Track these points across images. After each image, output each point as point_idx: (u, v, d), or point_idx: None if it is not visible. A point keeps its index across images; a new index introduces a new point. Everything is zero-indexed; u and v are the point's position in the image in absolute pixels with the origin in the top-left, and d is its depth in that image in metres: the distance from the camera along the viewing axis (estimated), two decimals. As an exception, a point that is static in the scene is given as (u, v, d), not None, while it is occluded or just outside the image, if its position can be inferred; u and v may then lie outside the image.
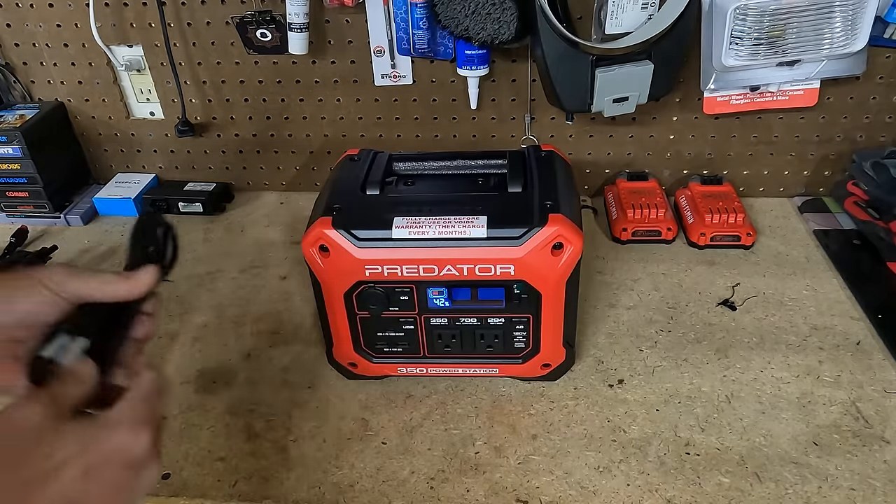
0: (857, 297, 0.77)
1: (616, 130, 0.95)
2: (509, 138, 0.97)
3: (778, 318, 0.75)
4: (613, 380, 0.69)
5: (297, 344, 0.76)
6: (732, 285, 0.81)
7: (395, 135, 0.99)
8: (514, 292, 0.61)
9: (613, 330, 0.75)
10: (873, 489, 0.56)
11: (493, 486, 0.58)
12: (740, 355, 0.71)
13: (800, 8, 0.75)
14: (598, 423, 0.64)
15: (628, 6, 0.80)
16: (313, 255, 0.61)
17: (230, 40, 0.93)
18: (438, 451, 0.62)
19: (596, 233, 0.92)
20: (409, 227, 0.59)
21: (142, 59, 0.97)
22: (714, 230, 0.86)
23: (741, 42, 0.77)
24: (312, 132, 1.01)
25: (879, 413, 0.63)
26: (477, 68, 0.86)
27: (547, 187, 0.63)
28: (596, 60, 0.79)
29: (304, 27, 0.87)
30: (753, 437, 0.62)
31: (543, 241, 0.58)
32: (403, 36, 0.88)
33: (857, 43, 0.77)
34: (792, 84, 0.85)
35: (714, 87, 0.84)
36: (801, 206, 0.95)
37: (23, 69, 1.00)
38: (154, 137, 1.04)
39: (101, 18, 0.93)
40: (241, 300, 0.83)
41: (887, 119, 0.91)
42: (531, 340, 0.65)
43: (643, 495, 0.57)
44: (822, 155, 0.95)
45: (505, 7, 0.76)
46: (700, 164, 0.97)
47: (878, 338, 0.72)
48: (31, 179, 0.98)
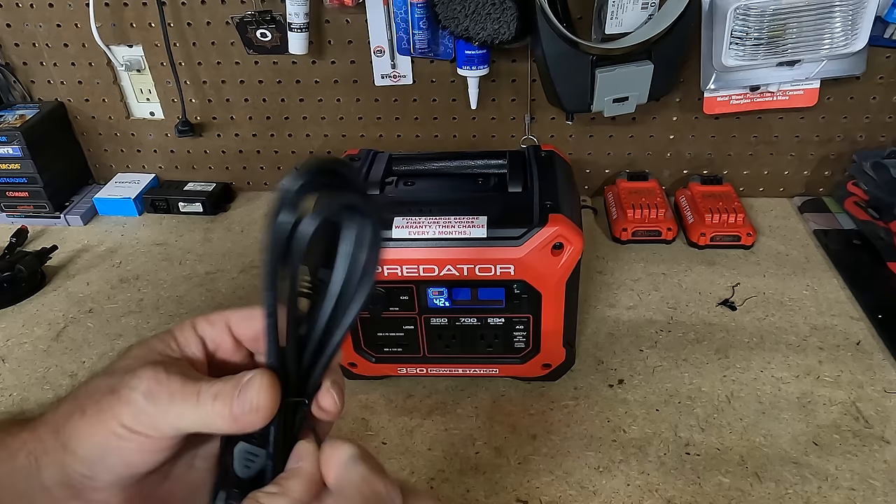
0: (857, 297, 0.77)
1: (616, 130, 0.95)
2: (509, 138, 0.97)
3: (778, 318, 0.75)
4: (613, 380, 0.69)
5: (297, 344, 0.76)
6: (732, 285, 0.81)
7: (395, 135, 0.99)
8: (514, 292, 0.61)
9: (613, 330, 0.75)
10: (873, 489, 0.56)
11: (493, 486, 0.58)
12: (740, 355, 0.71)
13: (800, 8, 0.75)
14: (598, 423, 0.64)
15: (628, 6, 0.80)
16: (313, 255, 0.61)
17: (230, 40, 0.93)
18: (438, 451, 0.62)
19: (596, 233, 0.92)
20: (409, 227, 0.59)
21: (142, 59, 0.97)
22: (714, 230, 0.86)
23: (741, 42, 0.77)
24: (312, 132, 1.01)
25: (879, 413, 0.63)
26: (477, 68, 0.86)
27: (547, 187, 0.63)
28: (596, 60, 0.78)
29: (304, 27, 0.87)
30: (753, 437, 0.62)
31: (543, 241, 0.58)
32: (403, 36, 0.88)
33: (857, 43, 0.77)
34: (792, 84, 0.85)
35: (714, 87, 0.84)
36: (801, 206, 0.95)
37: (23, 69, 1.00)
38: (154, 137, 1.04)
39: (101, 18, 0.93)
40: (241, 300, 0.83)
41: (887, 119, 0.91)
42: (531, 340, 0.65)
43: (643, 495, 0.57)
44: (822, 155, 0.95)
45: (505, 7, 0.76)
46: (700, 164, 0.97)
47: (878, 338, 0.72)
48: (31, 179, 0.98)
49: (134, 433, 0.30)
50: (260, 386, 0.30)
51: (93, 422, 0.30)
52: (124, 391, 0.30)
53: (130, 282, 0.87)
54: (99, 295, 0.85)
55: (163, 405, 0.30)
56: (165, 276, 0.88)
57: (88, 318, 0.81)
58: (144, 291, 0.85)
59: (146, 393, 0.30)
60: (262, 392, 0.30)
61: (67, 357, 0.76)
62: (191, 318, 0.35)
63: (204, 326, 0.34)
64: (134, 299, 0.84)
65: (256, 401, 0.30)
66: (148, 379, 0.30)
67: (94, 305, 0.83)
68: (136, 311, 0.82)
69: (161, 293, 0.85)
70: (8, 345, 0.78)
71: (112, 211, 1.03)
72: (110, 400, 0.30)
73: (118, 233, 0.98)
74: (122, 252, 0.94)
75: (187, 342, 0.34)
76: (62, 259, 0.92)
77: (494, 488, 0.58)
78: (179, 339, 0.34)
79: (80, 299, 0.85)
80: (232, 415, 0.30)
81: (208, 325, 0.34)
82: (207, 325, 0.34)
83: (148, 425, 0.30)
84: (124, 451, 0.30)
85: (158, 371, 0.31)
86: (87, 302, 0.84)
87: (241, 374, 0.31)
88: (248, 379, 0.30)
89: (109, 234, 0.98)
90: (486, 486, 0.58)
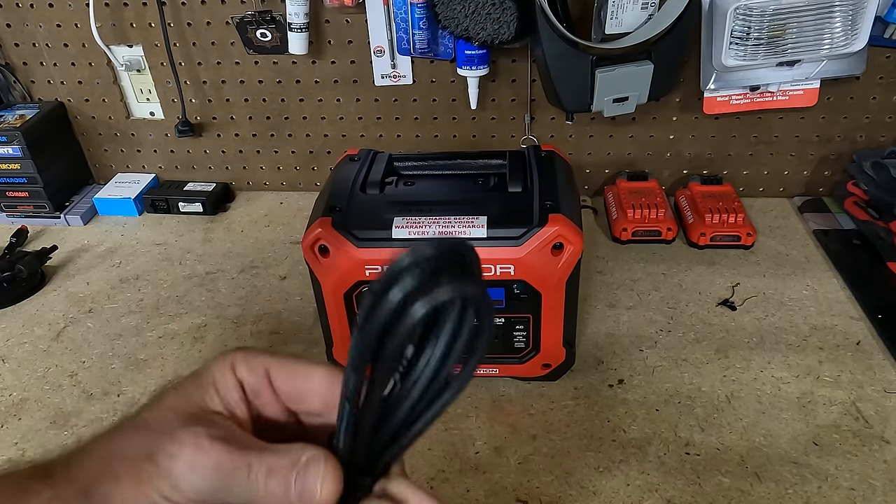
0: (857, 297, 0.77)
1: (616, 130, 0.95)
2: (509, 138, 0.97)
3: (778, 318, 0.75)
4: (613, 380, 0.69)
5: (297, 344, 0.76)
6: (732, 285, 0.81)
7: (395, 135, 0.99)
8: (514, 292, 0.61)
9: (613, 330, 0.75)
10: (873, 489, 0.56)
11: (493, 486, 0.58)
12: (740, 355, 0.71)
13: (800, 8, 0.75)
14: (598, 423, 0.64)
15: (628, 6, 0.80)
16: (313, 256, 0.61)
17: (230, 40, 0.93)
18: (438, 451, 0.62)
19: (596, 233, 0.92)
20: (409, 227, 0.59)
21: (142, 59, 0.97)
22: (714, 230, 0.86)
23: (741, 42, 0.77)
24: (312, 132, 1.01)
25: (879, 413, 0.63)
26: (477, 68, 0.86)
27: (547, 187, 0.63)
28: (596, 60, 0.78)
29: (304, 27, 0.87)
30: (753, 437, 0.62)
31: (543, 241, 0.58)
32: (403, 36, 0.88)
33: (857, 43, 0.77)
34: (792, 84, 0.85)
35: (714, 87, 0.84)
36: (801, 206, 0.95)
37: (23, 69, 1.00)
38: (154, 137, 1.04)
39: (101, 18, 0.93)
40: (241, 300, 0.83)
41: (887, 119, 0.91)
42: (531, 340, 0.65)
43: (643, 495, 0.57)
44: (822, 155, 0.95)
45: (505, 7, 0.76)
46: (700, 164, 0.97)
47: (878, 338, 0.72)
48: (31, 179, 0.98)
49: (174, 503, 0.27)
50: (324, 473, 0.27)
51: (129, 492, 0.27)
52: (164, 460, 0.27)
53: (130, 282, 0.87)
54: (99, 295, 0.85)
55: (208, 478, 0.27)
56: (165, 276, 0.88)
57: (88, 318, 0.81)
58: (144, 291, 0.85)
59: (189, 465, 0.27)
60: (327, 482, 0.27)
61: (67, 357, 0.76)
62: (230, 356, 0.31)
63: (243, 371, 0.31)
64: (134, 299, 0.84)
65: (320, 491, 0.27)
66: (190, 447, 0.27)
67: (94, 305, 0.83)
68: (136, 311, 0.82)
69: (161, 293, 0.85)
70: (8, 345, 0.78)
71: (112, 211, 1.03)
72: (148, 469, 0.27)
73: (118, 233, 0.98)
74: (122, 252, 0.94)
75: (227, 390, 0.30)
76: (62, 259, 0.92)
77: (494, 488, 0.58)
78: (219, 387, 0.30)
79: (80, 299, 0.85)
80: (289, 500, 0.27)
81: (248, 370, 0.31)
82: (247, 371, 0.31)
83: (192, 497, 0.27)
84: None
85: (200, 437, 0.27)
86: (87, 302, 0.84)
87: (298, 447, 0.28)
88: (308, 459, 0.27)
89: (109, 234, 0.98)
90: (486, 486, 0.58)
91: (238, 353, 0.31)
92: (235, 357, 0.31)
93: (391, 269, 0.25)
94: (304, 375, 0.31)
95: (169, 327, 0.79)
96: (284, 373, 0.31)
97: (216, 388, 0.30)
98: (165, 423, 0.28)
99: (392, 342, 0.25)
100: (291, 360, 0.31)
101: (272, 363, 0.31)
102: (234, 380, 0.31)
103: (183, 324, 0.79)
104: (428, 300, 0.24)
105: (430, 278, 0.24)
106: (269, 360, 0.31)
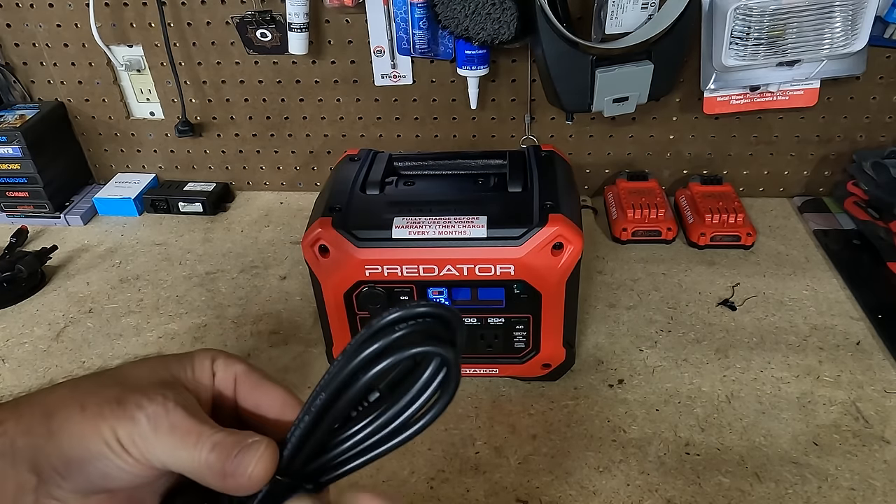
0: (857, 297, 0.77)
1: (616, 130, 0.95)
2: (509, 138, 0.97)
3: (778, 318, 0.75)
4: (613, 380, 0.69)
5: (297, 344, 0.76)
6: (732, 285, 0.81)
7: (395, 135, 0.99)
8: (514, 292, 0.61)
9: (613, 330, 0.75)
10: (873, 489, 0.56)
11: (493, 486, 0.58)
12: (740, 355, 0.71)
13: (800, 8, 0.75)
14: (598, 423, 0.64)
15: (628, 6, 0.80)
16: (313, 255, 0.61)
17: (230, 40, 0.93)
18: (438, 451, 0.62)
19: (596, 233, 0.92)
20: (409, 227, 0.59)
21: (142, 59, 0.97)
22: (714, 230, 0.86)
23: (741, 42, 0.77)
24: (312, 132, 1.01)
25: (879, 413, 0.63)
26: (477, 68, 0.86)
27: (547, 187, 0.63)
28: (596, 60, 0.78)
29: (304, 27, 0.87)
30: (753, 437, 0.62)
31: (543, 241, 0.58)
32: (403, 36, 0.88)
33: (857, 43, 0.77)
34: (792, 84, 0.85)
35: (714, 87, 0.84)
36: (801, 206, 0.95)
37: (23, 69, 1.00)
38: (154, 137, 1.04)
39: (101, 18, 0.93)
40: (241, 300, 0.83)
41: (887, 119, 0.91)
42: (531, 340, 0.65)
43: (643, 495, 0.57)
44: (822, 155, 0.95)
45: (505, 7, 0.76)
46: (700, 164, 0.97)
47: (878, 338, 0.72)
48: (31, 179, 0.98)
49: (124, 451, 0.29)
50: (262, 455, 0.29)
51: (90, 422, 0.29)
52: (130, 407, 0.29)
53: (130, 282, 0.87)
54: (99, 295, 0.85)
55: (161, 435, 0.29)
56: (165, 276, 0.88)
57: (88, 318, 0.81)
58: (144, 291, 0.85)
59: (150, 417, 0.29)
60: (261, 463, 0.29)
61: (67, 357, 0.76)
62: (213, 351, 0.34)
63: (220, 366, 0.34)
64: (134, 299, 0.84)
65: (252, 468, 0.29)
66: (158, 404, 0.30)
67: (94, 305, 0.83)
68: (136, 311, 0.82)
69: (161, 293, 0.85)
70: (8, 345, 0.78)
71: (112, 211, 1.03)
72: (114, 409, 0.29)
73: (118, 233, 0.98)
74: (122, 252, 0.94)
75: (202, 372, 0.33)
76: (62, 259, 0.92)
77: (494, 488, 0.58)
78: (196, 368, 0.33)
79: (80, 299, 0.85)
80: (223, 470, 0.29)
81: (223, 366, 0.34)
82: (222, 367, 0.34)
83: (141, 448, 0.29)
84: (107, 464, 0.29)
85: (168, 398, 0.30)
86: (87, 302, 0.84)
87: (247, 433, 0.30)
88: (252, 442, 0.30)
89: (109, 234, 0.98)
90: (486, 486, 0.58)
91: (220, 352, 0.34)
92: (217, 354, 0.34)
93: (385, 319, 0.28)
94: (265, 391, 0.34)
95: (169, 327, 0.79)
96: (249, 383, 0.34)
97: (192, 368, 0.33)
98: (141, 379, 0.31)
99: (363, 381, 0.28)
100: (259, 374, 0.34)
101: (242, 372, 0.34)
102: (209, 369, 0.34)
103: (183, 324, 0.80)
104: (404, 351, 0.28)
105: (411, 335, 0.28)
106: (240, 369, 0.34)
